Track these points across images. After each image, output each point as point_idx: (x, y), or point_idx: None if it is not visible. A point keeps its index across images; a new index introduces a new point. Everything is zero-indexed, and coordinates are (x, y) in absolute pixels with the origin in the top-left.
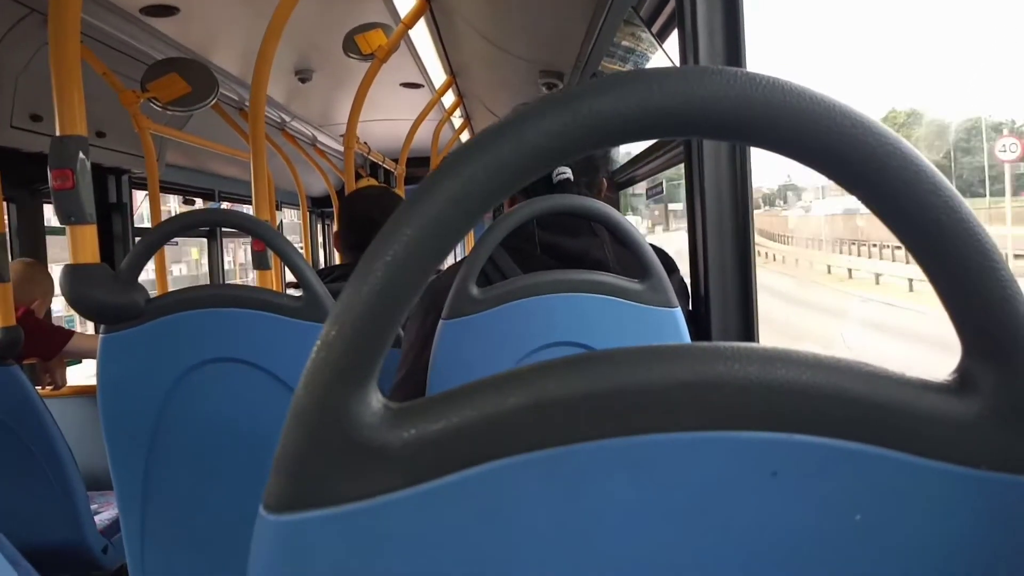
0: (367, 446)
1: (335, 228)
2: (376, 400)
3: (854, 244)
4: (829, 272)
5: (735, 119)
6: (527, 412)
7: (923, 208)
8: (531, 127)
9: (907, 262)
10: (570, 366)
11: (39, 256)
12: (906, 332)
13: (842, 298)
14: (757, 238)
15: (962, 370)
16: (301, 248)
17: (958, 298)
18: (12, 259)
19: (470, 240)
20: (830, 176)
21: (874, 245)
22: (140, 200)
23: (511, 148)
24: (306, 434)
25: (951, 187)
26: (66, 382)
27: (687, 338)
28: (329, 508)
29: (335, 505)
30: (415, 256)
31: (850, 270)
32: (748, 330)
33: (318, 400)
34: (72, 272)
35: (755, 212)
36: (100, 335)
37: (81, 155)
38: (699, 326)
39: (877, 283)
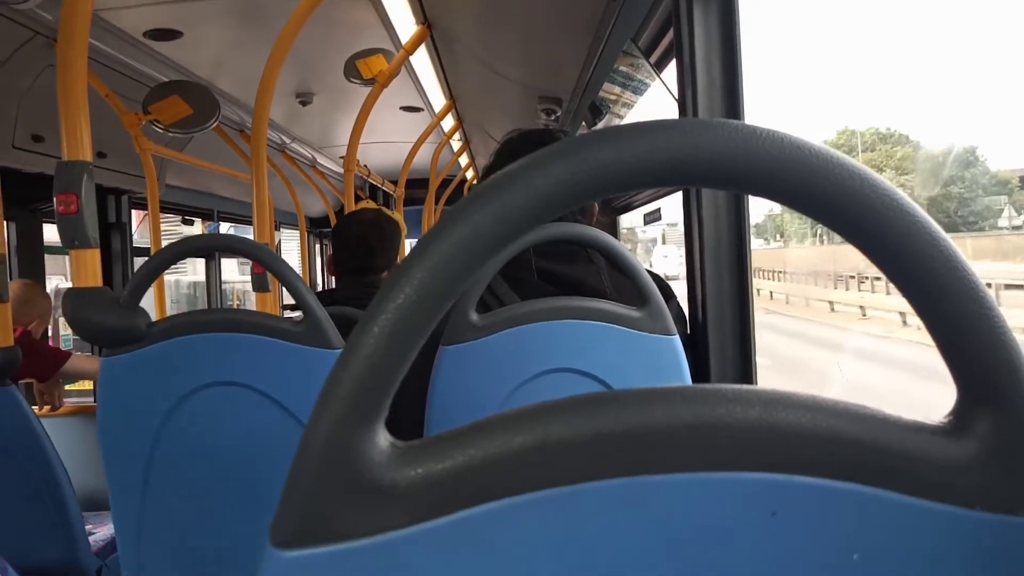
0: (375, 484)
1: (331, 252)
2: (384, 439)
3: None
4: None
5: (736, 171)
6: (532, 452)
7: (919, 257)
8: (539, 175)
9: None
10: (575, 407)
11: (37, 275)
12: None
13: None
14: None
15: (957, 413)
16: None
17: (954, 344)
18: (11, 279)
19: None
20: (828, 225)
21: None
22: (139, 220)
23: (519, 196)
24: (314, 471)
25: (947, 237)
26: (63, 403)
27: (685, 365)
28: (336, 545)
29: (342, 542)
30: (425, 299)
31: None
32: (745, 357)
33: (327, 438)
34: (74, 295)
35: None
36: (101, 358)
37: (86, 180)
38: (696, 352)
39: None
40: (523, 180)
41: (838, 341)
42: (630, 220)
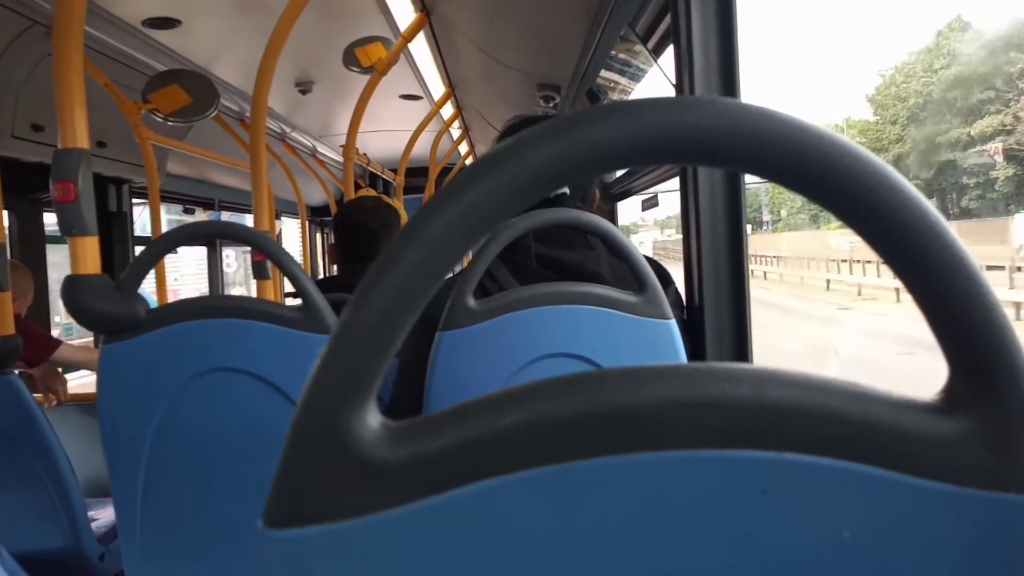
0: (365, 463)
1: (333, 240)
2: (374, 418)
3: None
4: None
5: (725, 147)
6: (522, 431)
7: (909, 234)
8: (528, 155)
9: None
10: (564, 386)
11: (39, 264)
12: None
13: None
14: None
15: (948, 390)
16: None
17: (944, 321)
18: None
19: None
20: (818, 201)
21: None
22: (140, 209)
23: (509, 175)
24: (305, 452)
25: (937, 213)
26: (67, 396)
27: (682, 349)
28: (328, 524)
29: (334, 521)
30: (415, 278)
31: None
32: (742, 339)
33: (317, 418)
34: (73, 283)
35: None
36: (100, 345)
37: (83, 167)
38: (693, 336)
39: None
40: (513, 160)
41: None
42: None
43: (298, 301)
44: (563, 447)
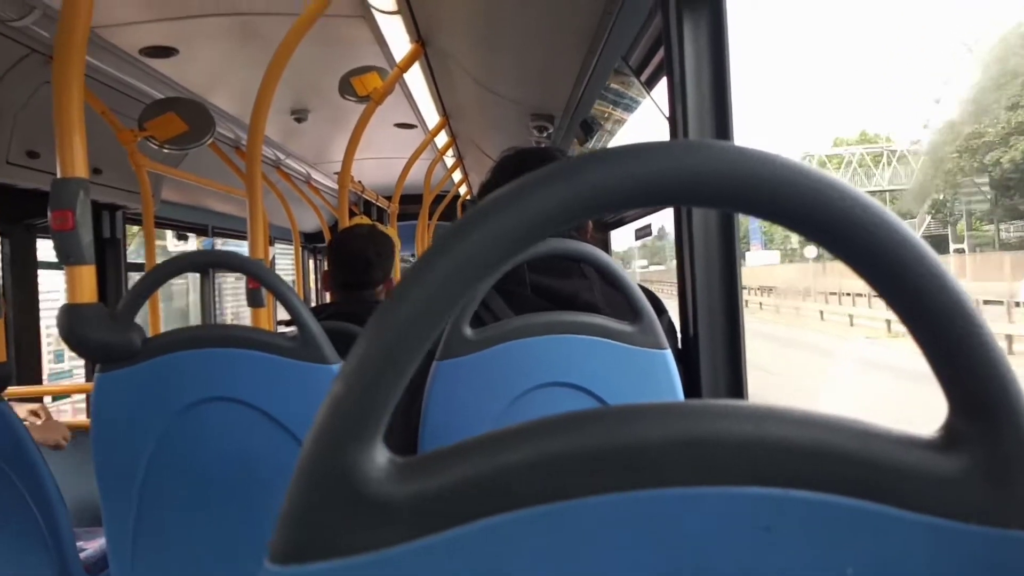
0: (372, 500)
1: (327, 267)
2: (381, 455)
3: None
4: None
5: (727, 191)
6: (528, 468)
7: (908, 275)
8: (531, 199)
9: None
10: (570, 423)
11: (31, 291)
12: None
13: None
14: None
15: (949, 427)
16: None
17: (943, 360)
18: (4, 295)
19: None
20: (818, 242)
21: None
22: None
23: (512, 219)
24: (313, 488)
25: (934, 255)
26: (68, 439)
27: (677, 379)
28: (334, 560)
29: (340, 557)
30: (422, 317)
31: None
32: (736, 370)
33: (326, 455)
34: (70, 312)
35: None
36: (96, 374)
37: (81, 196)
38: (688, 366)
39: None
40: (516, 203)
41: None
42: None
43: (292, 328)
44: (566, 484)
